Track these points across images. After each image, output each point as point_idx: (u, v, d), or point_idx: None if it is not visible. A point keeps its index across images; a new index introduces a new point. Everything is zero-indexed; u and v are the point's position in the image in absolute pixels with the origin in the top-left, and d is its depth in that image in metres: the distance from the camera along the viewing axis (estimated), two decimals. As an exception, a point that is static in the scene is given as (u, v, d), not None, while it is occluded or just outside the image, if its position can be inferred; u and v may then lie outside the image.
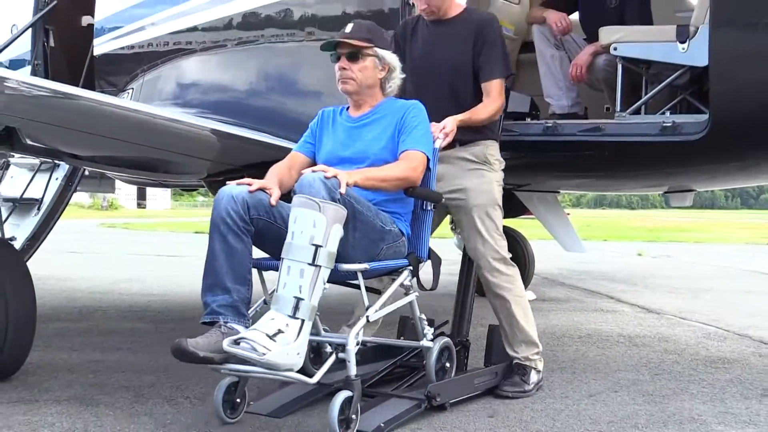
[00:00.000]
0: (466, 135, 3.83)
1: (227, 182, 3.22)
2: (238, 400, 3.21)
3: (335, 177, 2.99)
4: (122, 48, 5.99)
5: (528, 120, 4.65)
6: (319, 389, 3.47)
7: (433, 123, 3.62)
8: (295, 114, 5.00)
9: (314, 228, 2.89)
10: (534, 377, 3.82)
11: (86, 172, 6.01)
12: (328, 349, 3.39)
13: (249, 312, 3.12)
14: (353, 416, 2.93)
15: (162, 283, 8.66)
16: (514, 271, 3.93)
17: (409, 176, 3.33)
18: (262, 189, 3.17)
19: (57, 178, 5.72)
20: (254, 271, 3.19)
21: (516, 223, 8.42)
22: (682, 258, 15.40)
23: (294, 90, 5.14)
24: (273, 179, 3.33)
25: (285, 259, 2.92)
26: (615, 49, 4.34)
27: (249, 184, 3.16)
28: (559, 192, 7.71)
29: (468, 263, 4.18)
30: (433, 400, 3.29)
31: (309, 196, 2.92)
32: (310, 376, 2.98)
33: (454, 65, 3.88)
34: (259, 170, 4.94)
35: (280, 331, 2.81)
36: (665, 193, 6.41)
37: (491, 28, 3.92)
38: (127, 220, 34.00)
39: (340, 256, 3.01)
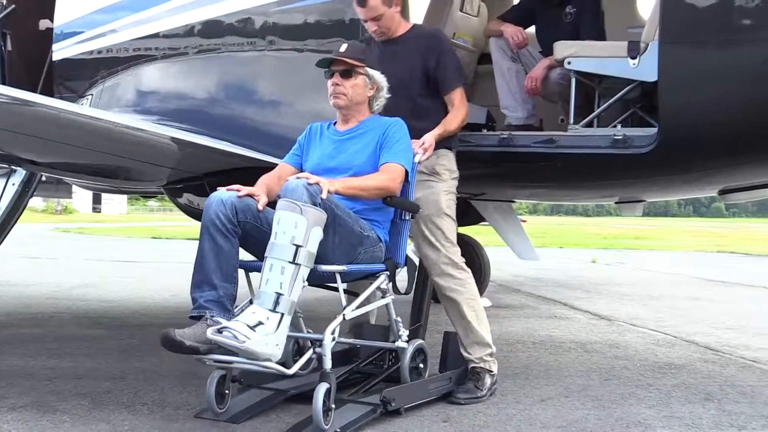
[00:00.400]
0: None
1: (218, 188, 3.43)
2: (227, 391, 3.37)
3: (317, 184, 3.21)
4: (82, 53, 5.97)
5: (484, 131, 4.75)
6: (275, 396, 3.55)
7: (414, 140, 3.82)
8: (256, 123, 5.04)
9: (295, 229, 3.10)
10: (488, 381, 3.91)
11: (43, 178, 5.98)
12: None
13: (235, 309, 3.28)
14: (332, 406, 3.12)
15: (118, 289, 8.61)
16: (466, 275, 4.05)
17: (387, 186, 3.56)
18: (250, 195, 3.39)
19: (14, 184, 5.65)
20: (241, 273, 3.38)
21: (472, 231, 8.55)
22: (635, 265, 15.70)
23: (254, 99, 5.17)
24: (261, 187, 3.54)
25: (268, 258, 3.13)
26: (569, 63, 4.45)
27: (238, 190, 3.37)
28: (514, 201, 7.84)
29: (424, 271, 4.27)
30: (388, 405, 3.36)
31: (292, 200, 3.14)
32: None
33: (406, 80, 4.01)
34: (219, 178, 4.99)
35: (260, 323, 3.01)
36: (617, 203, 6.57)
37: (440, 41, 4.14)
38: (81, 224, 33.57)
39: (321, 258, 3.22)
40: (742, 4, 3.82)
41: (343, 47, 3.77)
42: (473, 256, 7.84)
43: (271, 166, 4.53)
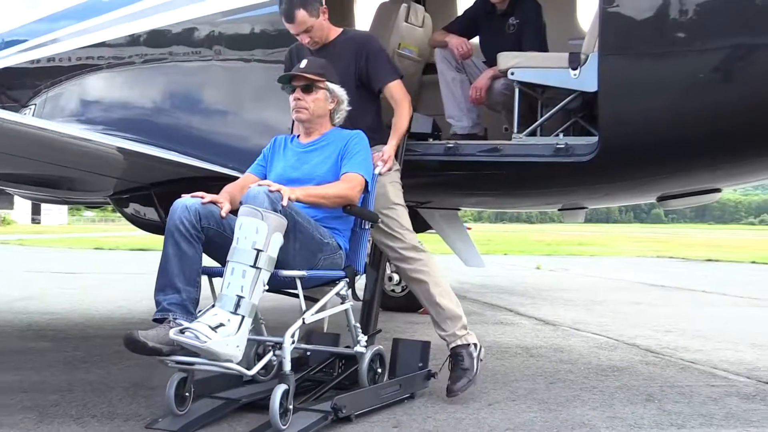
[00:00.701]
0: None
1: (181, 196, 3.51)
2: (187, 394, 3.41)
3: (278, 191, 3.33)
4: (25, 63, 5.89)
5: (430, 140, 4.82)
6: (226, 405, 3.55)
7: (375, 153, 3.97)
8: (203, 132, 5.05)
9: (257, 234, 3.22)
10: (470, 356, 4.04)
11: (-16, 189, 5.88)
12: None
13: (197, 313, 3.33)
14: (290, 407, 3.21)
15: (61, 301, 8.46)
16: (427, 256, 4.17)
17: (347, 194, 3.71)
18: (213, 202, 3.50)
19: (-47, 195, 5.57)
20: (204, 278, 3.47)
21: (420, 238, 8.62)
22: (578, 271, 15.99)
23: (201, 108, 5.18)
24: (225, 195, 3.64)
25: (230, 262, 3.25)
26: (512, 73, 4.55)
27: (202, 197, 3.48)
28: (460, 209, 7.94)
29: (373, 279, 4.32)
30: (339, 412, 3.39)
31: (254, 206, 3.26)
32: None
33: (339, 83, 4.06)
34: (165, 188, 4.98)
35: (221, 324, 3.12)
36: (560, 210, 6.70)
37: (370, 42, 4.31)
38: (21, 236, 32.82)
39: (281, 264, 3.34)
40: (677, 17, 3.95)
41: (303, 63, 3.91)
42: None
43: (217, 176, 4.56)
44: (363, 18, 7.22)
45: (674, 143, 4.09)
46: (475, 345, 4.14)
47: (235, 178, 4.44)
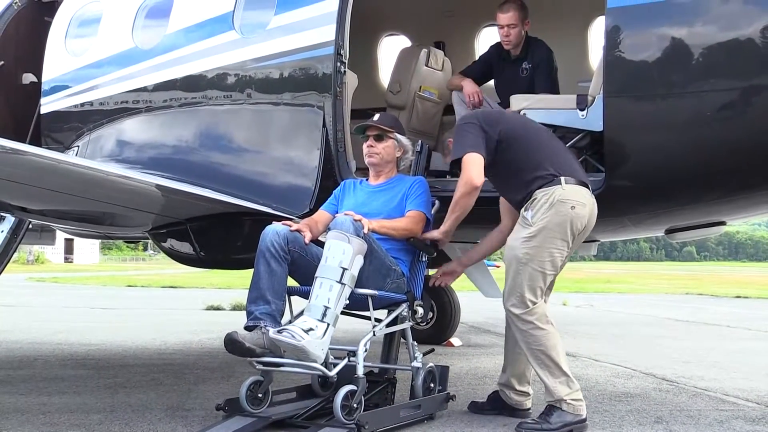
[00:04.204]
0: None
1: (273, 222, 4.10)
2: (260, 395, 3.94)
3: (360, 221, 3.94)
4: (69, 107, 6.27)
5: (447, 177, 5.10)
6: (258, 422, 3.82)
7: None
8: (235, 170, 5.37)
9: (343, 255, 3.80)
10: (556, 417, 4.01)
11: (30, 225, 6.21)
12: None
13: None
14: (355, 405, 3.68)
15: (99, 333, 8.78)
16: (529, 326, 4.07)
17: (412, 228, 4.32)
18: (297, 230, 4.09)
19: (3, 231, 5.88)
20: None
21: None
22: (604, 307, 16.06)
23: (234, 148, 5.51)
24: (305, 225, 4.24)
25: (318, 277, 3.81)
26: (524, 114, 4.83)
27: (289, 225, 4.10)
28: (477, 242, 8.15)
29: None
30: (362, 428, 3.64)
31: (341, 230, 3.83)
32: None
33: None
34: (200, 223, 5.29)
35: (311, 329, 3.67)
36: (573, 242, 6.89)
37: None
38: (54, 274, 33.46)
39: (357, 283, 3.88)
40: (675, 61, 4.22)
41: (376, 116, 4.52)
42: (444, 298, 8.16)
43: (249, 212, 4.88)
44: (386, 62, 7.59)
45: (675, 179, 4.32)
46: (577, 416, 4.02)
47: (266, 214, 4.78)
